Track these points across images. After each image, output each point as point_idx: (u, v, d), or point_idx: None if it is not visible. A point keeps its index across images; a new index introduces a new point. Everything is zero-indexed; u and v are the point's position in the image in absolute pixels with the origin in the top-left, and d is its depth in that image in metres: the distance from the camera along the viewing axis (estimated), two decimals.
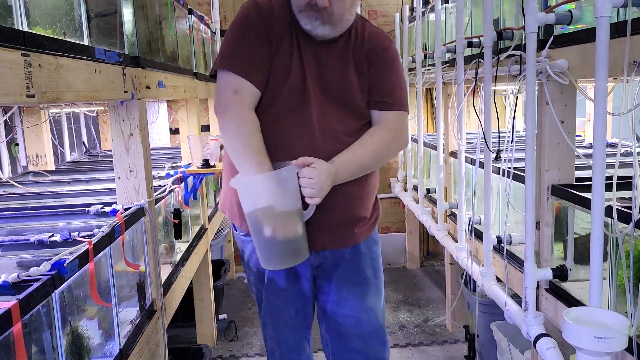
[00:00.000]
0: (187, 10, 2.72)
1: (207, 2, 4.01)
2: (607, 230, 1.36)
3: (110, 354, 1.40)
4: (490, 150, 1.90)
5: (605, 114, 1.24)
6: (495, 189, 2.08)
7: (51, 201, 1.94)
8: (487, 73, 1.83)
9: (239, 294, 3.84)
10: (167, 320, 1.89)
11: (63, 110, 3.24)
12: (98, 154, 3.53)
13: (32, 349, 1.00)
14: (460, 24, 2.23)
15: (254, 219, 1.41)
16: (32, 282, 1.01)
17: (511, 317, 1.75)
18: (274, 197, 1.39)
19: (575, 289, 1.64)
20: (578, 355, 1.26)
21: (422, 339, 3.05)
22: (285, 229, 1.40)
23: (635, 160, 1.26)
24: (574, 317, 1.27)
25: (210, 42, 3.54)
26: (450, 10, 2.76)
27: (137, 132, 1.65)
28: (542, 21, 1.49)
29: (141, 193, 1.69)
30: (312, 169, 1.41)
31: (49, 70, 1.10)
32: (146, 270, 1.72)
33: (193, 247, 2.47)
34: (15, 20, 1.03)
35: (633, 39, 1.23)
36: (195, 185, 2.43)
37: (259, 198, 1.39)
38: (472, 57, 2.09)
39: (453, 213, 2.73)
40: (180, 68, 2.36)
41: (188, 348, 2.65)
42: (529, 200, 1.58)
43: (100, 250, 1.30)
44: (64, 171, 2.71)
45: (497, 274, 2.04)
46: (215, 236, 3.43)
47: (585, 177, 1.65)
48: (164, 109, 4.16)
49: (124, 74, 1.54)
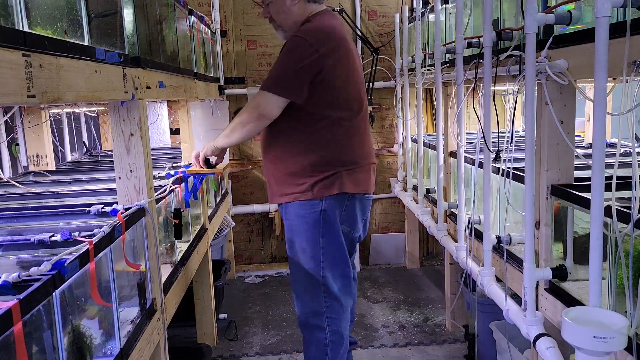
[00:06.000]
0: (188, 11, 2.72)
1: (208, 3, 4.01)
2: (606, 230, 1.36)
3: (111, 353, 1.40)
4: (490, 151, 1.90)
5: (604, 114, 1.24)
6: (495, 189, 2.08)
7: (52, 201, 1.95)
8: (487, 73, 1.83)
9: (239, 293, 3.85)
10: (168, 320, 1.89)
11: (64, 111, 3.24)
12: (98, 154, 3.54)
13: (33, 349, 1.00)
14: (460, 25, 2.23)
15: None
16: (33, 282, 1.01)
17: (511, 317, 1.75)
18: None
19: (574, 288, 1.64)
20: (577, 354, 1.26)
21: (422, 338, 3.05)
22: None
23: (634, 160, 1.27)
24: (574, 317, 1.27)
25: (211, 42, 3.54)
26: (450, 11, 2.76)
27: (137, 132, 1.66)
28: (542, 21, 1.50)
29: (142, 193, 1.69)
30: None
31: (50, 71, 1.11)
32: (147, 270, 1.72)
33: (193, 247, 2.47)
34: (15, 20, 1.03)
35: (632, 39, 1.23)
36: (196, 185, 2.44)
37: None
38: (471, 58, 2.09)
39: (453, 213, 2.73)
40: (180, 68, 2.37)
41: (188, 348, 2.65)
42: (529, 200, 1.58)
43: (100, 250, 1.30)
44: (65, 171, 2.72)
45: (497, 274, 2.04)
46: (216, 236, 3.43)
47: (585, 177, 1.65)
48: (164, 110, 4.17)
49: (125, 74, 1.55)
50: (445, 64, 2.65)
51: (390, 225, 4.48)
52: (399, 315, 3.37)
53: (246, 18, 4.17)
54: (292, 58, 1.93)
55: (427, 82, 3.17)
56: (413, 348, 2.95)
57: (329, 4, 3.95)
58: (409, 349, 2.94)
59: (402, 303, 3.57)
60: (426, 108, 4.29)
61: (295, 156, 2.01)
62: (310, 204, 2.01)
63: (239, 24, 4.17)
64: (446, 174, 2.84)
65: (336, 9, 3.95)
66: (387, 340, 3.05)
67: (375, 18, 4.24)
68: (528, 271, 1.60)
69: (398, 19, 3.89)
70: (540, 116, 1.70)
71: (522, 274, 1.65)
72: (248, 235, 4.40)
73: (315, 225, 2.02)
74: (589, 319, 1.27)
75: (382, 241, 4.43)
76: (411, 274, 4.16)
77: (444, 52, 2.52)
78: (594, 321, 1.26)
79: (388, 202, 4.43)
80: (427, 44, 3.24)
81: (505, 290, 1.84)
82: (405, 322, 3.28)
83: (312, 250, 2.04)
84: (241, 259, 4.40)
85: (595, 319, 1.27)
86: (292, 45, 1.94)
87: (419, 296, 3.68)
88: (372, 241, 4.41)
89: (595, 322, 1.26)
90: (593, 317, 1.28)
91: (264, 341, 3.09)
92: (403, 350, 2.93)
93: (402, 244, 4.39)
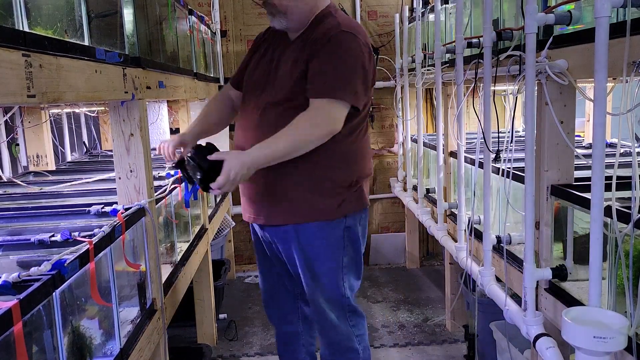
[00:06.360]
0: (188, 11, 2.72)
1: (208, 3, 4.01)
2: (606, 230, 1.36)
3: (111, 353, 1.40)
4: (490, 151, 1.90)
5: (604, 114, 1.24)
6: (495, 189, 2.08)
7: (52, 201, 1.94)
8: (487, 73, 1.83)
9: (239, 293, 3.85)
10: (168, 320, 1.89)
11: (64, 111, 3.24)
12: (98, 154, 3.53)
13: (33, 349, 1.00)
14: (460, 25, 2.23)
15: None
16: (33, 281, 1.01)
17: (511, 317, 1.75)
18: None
19: (574, 288, 1.64)
20: (577, 354, 1.26)
21: (422, 338, 3.05)
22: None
23: (634, 160, 1.27)
24: (574, 317, 1.27)
25: (211, 42, 3.54)
26: (450, 11, 2.76)
27: (137, 132, 1.66)
28: (542, 21, 1.50)
29: (142, 193, 1.69)
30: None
31: (50, 71, 1.11)
32: (147, 270, 1.72)
33: (193, 247, 2.47)
34: (15, 20, 1.03)
35: (632, 40, 1.23)
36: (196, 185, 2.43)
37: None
38: (471, 58, 2.09)
39: (453, 213, 2.73)
40: (180, 68, 2.37)
41: (188, 348, 2.65)
42: (529, 200, 1.58)
43: (100, 250, 1.30)
44: (65, 171, 2.71)
45: (497, 274, 2.04)
46: (216, 236, 3.43)
47: (585, 177, 1.65)
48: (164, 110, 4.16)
49: (125, 74, 1.55)
50: (445, 64, 2.65)
51: (390, 225, 4.48)
52: (399, 315, 3.38)
53: (246, 18, 4.17)
54: (351, 57, 1.66)
55: (427, 82, 3.17)
56: (413, 348, 2.95)
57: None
58: (408, 349, 2.94)
59: (402, 303, 3.57)
60: (426, 108, 4.29)
61: (321, 169, 1.74)
62: (334, 224, 1.79)
63: (239, 24, 4.17)
64: (446, 174, 2.84)
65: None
66: (387, 340, 3.05)
67: (375, 18, 4.24)
68: (528, 271, 1.60)
69: (398, 19, 3.89)
70: (540, 116, 1.70)
71: (522, 274, 1.65)
72: (248, 235, 4.40)
73: (338, 246, 1.81)
74: (589, 319, 1.27)
75: (382, 241, 4.43)
76: (411, 274, 4.16)
77: (444, 52, 2.52)
78: (594, 321, 1.26)
79: (388, 202, 4.43)
80: (427, 44, 3.24)
81: (505, 290, 1.84)
82: (405, 322, 3.28)
83: (335, 273, 1.83)
84: (241, 259, 4.41)
85: (595, 319, 1.27)
86: (345, 43, 1.67)
87: (419, 296, 3.68)
88: (372, 241, 4.41)
89: (595, 322, 1.26)
90: (593, 317, 1.28)
91: (264, 341, 3.09)
92: (403, 350, 2.93)
93: (402, 244, 4.39)
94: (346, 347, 1.92)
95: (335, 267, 1.83)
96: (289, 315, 2.07)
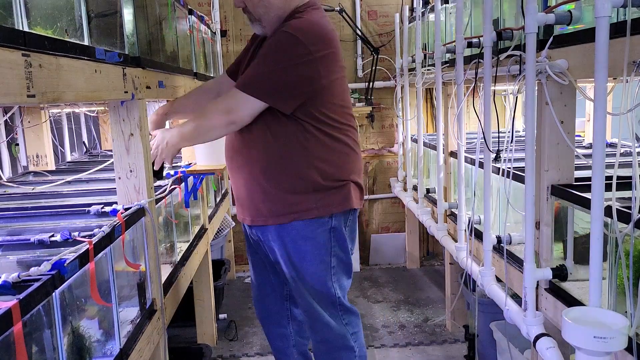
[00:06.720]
0: (188, 11, 2.72)
1: (208, 3, 4.01)
2: (606, 230, 1.36)
3: (111, 353, 1.40)
4: (490, 150, 1.90)
5: (604, 114, 1.24)
6: (495, 189, 2.08)
7: (51, 201, 1.94)
8: (487, 73, 1.83)
9: (239, 293, 3.85)
10: (168, 320, 1.89)
11: (63, 110, 3.24)
12: (98, 154, 3.53)
13: (33, 349, 1.00)
14: (460, 24, 2.23)
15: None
16: (33, 282, 1.01)
17: (511, 317, 1.75)
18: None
19: (574, 288, 1.64)
20: (578, 355, 1.26)
21: (422, 338, 3.05)
22: None
23: (635, 160, 1.26)
24: (574, 317, 1.27)
25: (211, 42, 3.54)
26: (450, 11, 2.76)
27: (137, 132, 1.65)
28: (542, 21, 1.50)
29: (141, 193, 1.69)
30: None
31: (50, 70, 1.10)
32: (146, 270, 1.72)
33: (193, 247, 2.47)
34: (15, 20, 1.03)
35: (633, 39, 1.23)
36: (196, 185, 2.44)
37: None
38: (471, 57, 2.09)
39: (453, 213, 2.73)
40: (180, 68, 2.37)
41: (188, 348, 2.65)
42: (529, 200, 1.58)
43: (100, 250, 1.30)
44: (65, 171, 2.71)
45: (497, 274, 2.04)
46: (216, 236, 3.43)
47: (585, 177, 1.65)
48: None
49: (125, 74, 1.55)
50: (445, 64, 2.65)
51: (390, 225, 4.48)
52: (399, 316, 3.37)
53: (246, 18, 4.15)
54: (281, 57, 1.68)
55: (427, 82, 3.17)
56: (413, 348, 2.95)
57: (330, 4, 3.97)
58: (409, 349, 2.94)
59: (402, 303, 3.57)
60: (426, 108, 4.29)
61: (296, 168, 1.76)
62: (317, 224, 1.80)
63: (239, 24, 4.17)
64: (446, 174, 2.84)
65: (336, 9, 3.96)
66: (387, 340, 3.05)
67: (375, 18, 4.24)
68: (528, 271, 1.60)
69: (398, 19, 3.89)
70: (540, 116, 1.70)
71: (522, 274, 1.65)
72: None
73: (325, 247, 1.82)
74: (589, 319, 1.27)
75: (382, 241, 4.43)
76: (411, 274, 4.16)
77: (444, 52, 2.52)
78: (594, 321, 1.26)
79: (388, 202, 4.43)
80: (427, 43, 3.24)
81: (505, 290, 1.84)
82: (405, 322, 3.28)
83: (324, 274, 1.84)
84: (241, 259, 4.40)
85: (596, 319, 1.27)
86: (280, 43, 1.69)
87: (419, 296, 3.68)
88: (372, 241, 4.41)
89: (595, 322, 1.26)
90: (593, 317, 1.28)
91: (264, 341, 3.09)
92: (403, 351, 2.93)
93: (402, 244, 4.39)
94: (341, 345, 1.92)
95: (324, 269, 1.84)
96: (276, 316, 2.09)
